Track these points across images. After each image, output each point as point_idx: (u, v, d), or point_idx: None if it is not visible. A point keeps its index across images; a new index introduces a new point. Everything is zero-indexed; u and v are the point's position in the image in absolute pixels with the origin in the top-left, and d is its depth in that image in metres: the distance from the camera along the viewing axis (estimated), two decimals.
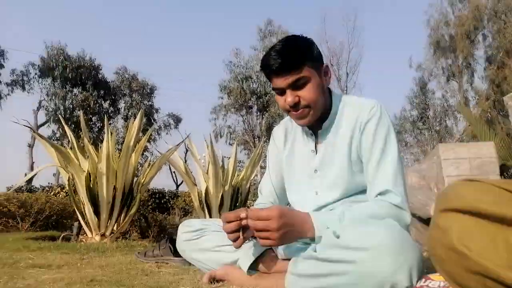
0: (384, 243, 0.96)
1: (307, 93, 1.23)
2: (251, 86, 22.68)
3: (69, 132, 3.68)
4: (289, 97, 1.23)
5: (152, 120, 23.94)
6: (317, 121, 1.32)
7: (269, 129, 20.55)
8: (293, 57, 1.21)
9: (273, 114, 21.03)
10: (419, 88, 22.17)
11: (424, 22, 20.97)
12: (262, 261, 1.32)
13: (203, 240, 1.54)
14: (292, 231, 1.12)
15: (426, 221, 2.38)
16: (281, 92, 1.26)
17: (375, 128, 1.26)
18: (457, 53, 19.69)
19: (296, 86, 1.23)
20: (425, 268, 0.96)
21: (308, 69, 1.23)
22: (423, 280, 0.89)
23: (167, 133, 25.58)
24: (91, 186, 3.22)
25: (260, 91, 22.57)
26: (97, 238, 3.17)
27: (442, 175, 2.38)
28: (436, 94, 21.92)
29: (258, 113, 23.18)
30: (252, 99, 22.74)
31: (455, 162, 2.34)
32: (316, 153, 1.36)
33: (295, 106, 1.24)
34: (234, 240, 1.22)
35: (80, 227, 3.40)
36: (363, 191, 1.30)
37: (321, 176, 1.34)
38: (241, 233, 1.20)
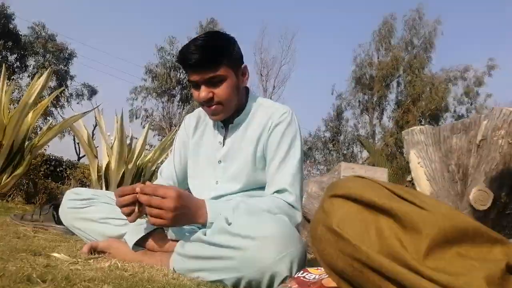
0: (270, 234, 0.99)
1: (221, 92, 1.25)
2: (178, 75, 22.24)
3: None
4: (203, 93, 1.24)
5: (64, 86, 22.03)
6: (230, 116, 1.34)
7: None
8: (211, 55, 1.21)
9: (194, 106, 20.79)
10: (335, 114, 23.79)
11: (351, 58, 22.72)
12: (151, 238, 1.27)
13: (90, 210, 1.45)
14: (185, 214, 1.10)
15: None
16: (196, 86, 1.26)
17: (283, 131, 1.32)
18: (373, 92, 21.63)
19: (211, 83, 1.24)
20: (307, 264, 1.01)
21: (225, 68, 1.24)
22: (301, 272, 0.93)
23: (78, 103, 23.77)
24: None
25: (185, 82, 22.25)
26: None
27: None
28: (349, 122, 23.78)
29: (180, 103, 22.78)
30: (176, 88, 22.30)
31: None
32: (223, 145, 1.37)
33: (208, 102, 1.26)
34: (128, 215, 1.16)
35: None
36: (261, 188, 1.34)
37: (224, 167, 1.36)
38: (136, 207, 1.15)
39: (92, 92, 24.21)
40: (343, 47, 40.47)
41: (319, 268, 0.95)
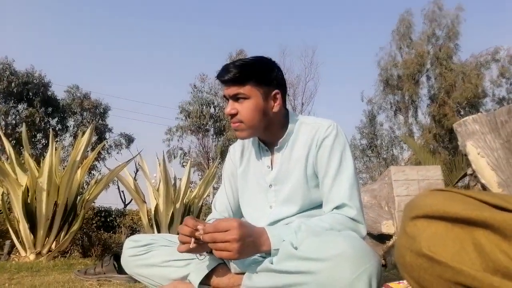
0: (342, 253, 0.94)
1: (243, 109, 1.25)
2: (211, 110, 22.88)
3: (7, 145, 3.40)
4: (228, 107, 1.27)
5: (103, 139, 23.04)
6: (273, 138, 1.33)
7: (224, 152, 20.52)
8: (239, 72, 1.23)
9: (229, 137, 21.11)
10: (369, 120, 23.34)
11: (375, 62, 22.36)
12: (215, 275, 1.24)
13: (151, 255, 1.44)
14: (250, 243, 1.07)
15: (377, 238, 2.43)
16: (227, 99, 1.29)
17: (331, 144, 1.27)
18: (403, 91, 21.11)
19: (236, 98, 1.25)
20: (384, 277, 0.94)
21: (251, 88, 1.24)
22: None
23: (118, 153, 24.70)
24: (29, 201, 2.96)
25: (219, 115, 22.79)
26: (32, 257, 2.90)
27: (393, 194, 2.45)
28: (384, 126, 23.22)
29: (214, 136, 23.22)
30: (209, 122, 22.83)
31: (405, 183, 2.42)
32: (272, 169, 1.35)
33: (231, 117, 1.27)
34: (182, 244, 1.15)
35: (12, 245, 3.11)
36: (318, 206, 1.30)
37: (276, 191, 1.33)
38: (192, 241, 1.13)
39: (130, 140, 25.13)
40: (365, 52, 40.18)
41: (401, 281, 0.88)
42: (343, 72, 38.96)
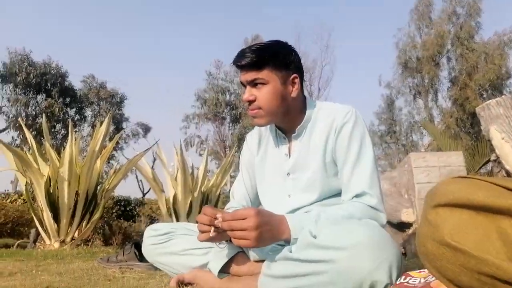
0: (362, 241, 0.93)
1: (261, 95, 1.22)
2: (226, 98, 22.86)
3: (29, 136, 3.48)
4: (246, 94, 1.24)
5: (121, 129, 23.37)
6: (291, 126, 1.30)
7: (240, 140, 20.57)
8: (256, 57, 1.20)
9: (245, 125, 21.11)
10: (387, 105, 22.90)
11: (393, 44, 21.86)
12: (234, 263, 1.25)
13: (171, 244, 1.46)
14: (268, 231, 1.06)
15: (396, 226, 2.40)
16: (244, 86, 1.27)
17: (350, 131, 1.24)
18: (423, 74, 20.55)
19: (254, 84, 1.23)
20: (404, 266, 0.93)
21: (269, 73, 1.22)
22: (403, 277, 0.86)
23: (135, 142, 25.06)
24: (51, 191, 3.04)
25: (234, 103, 22.75)
26: (56, 245, 2.99)
27: (413, 182, 2.41)
28: (403, 111, 22.73)
29: (231, 124, 23.25)
30: (226, 110, 22.84)
31: (426, 170, 2.38)
32: (290, 157, 1.33)
33: (249, 104, 1.24)
34: (202, 232, 1.16)
35: (37, 234, 3.21)
36: (337, 195, 1.28)
37: (294, 179, 1.31)
38: (212, 230, 1.14)
39: (147, 129, 25.44)
40: (383, 34, 39.20)
41: (421, 270, 0.87)
42: (360, 55, 38.20)
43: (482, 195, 0.53)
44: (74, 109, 23.02)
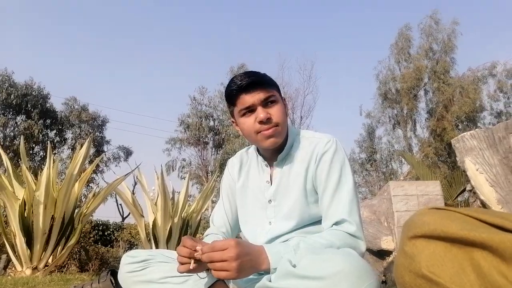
0: (341, 271, 0.93)
1: (277, 112, 1.23)
2: (210, 123, 23.06)
3: (5, 158, 3.39)
4: (262, 113, 1.21)
5: (101, 152, 23.02)
6: (273, 153, 1.32)
7: (222, 165, 20.52)
8: (263, 76, 1.25)
9: (228, 151, 21.12)
10: (367, 134, 23.38)
11: (373, 76, 22.56)
12: None
13: (148, 271, 1.42)
14: (248, 261, 1.05)
15: (377, 254, 2.41)
16: (251, 110, 1.24)
17: (331, 159, 1.27)
18: (401, 105, 21.21)
19: (267, 103, 1.23)
20: None
21: (276, 91, 1.26)
22: None
23: (116, 166, 24.64)
24: (25, 215, 2.94)
25: (218, 128, 22.95)
26: (28, 272, 2.86)
27: (392, 210, 2.44)
28: (382, 140, 23.23)
29: (214, 149, 23.30)
30: (209, 135, 22.96)
31: (404, 198, 2.42)
32: (271, 184, 1.34)
33: (267, 122, 1.22)
34: (181, 264, 1.13)
35: (8, 260, 3.07)
36: (317, 222, 1.29)
37: (275, 206, 1.32)
38: (192, 262, 1.12)
39: (128, 153, 25.08)
40: (363, 66, 40.45)
41: None
42: (341, 86, 39.20)
43: (456, 227, 0.54)
44: (55, 131, 22.62)
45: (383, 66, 22.10)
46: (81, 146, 3.43)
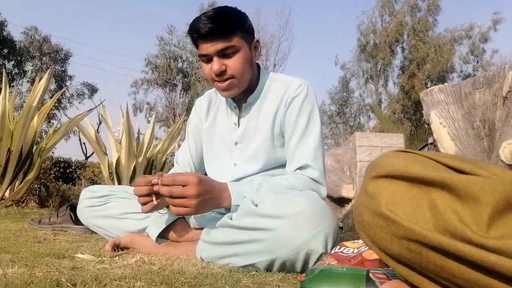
0: (301, 211, 0.94)
1: (234, 63, 1.18)
2: (179, 65, 22.18)
3: None
4: (216, 65, 1.17)
5: (64, 87, 22.01)
6: (243, 94, 1.28)
7: (190, 108, 20.24)
8: (224, 23, 1.14)
9: (196, 93, 20.74)
10: (341, 86, 23.46)
11: (355, 26, 22.13)
12: (173, 229, 1.23)
13: (109, 207, 1.41)
14: (209, 199, 1.05)
15: (336, 201, 2.51)
16: (208, 59, 1.19)
17: (300, 104, 1.25)
18: (377, 59, 21.19)
19: (224, 54, 1.17)
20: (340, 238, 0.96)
21: (239, 39, 1.17)
22: (338, 247, 0.89)
23: (80, 103, 23.80)
24: None
25: (187, 70, 22.16)
26: None
27: (355, 160, 2.51)
28: (355, 94, 23.43)
29: (182, 92, 22.71)
30: (177, 77, 22.22)
31: (368, 149, 2.48)
32: (239, 126, 1.32)
33: (221, 74, 1.18)
34: (144, 205, 1.12)
35: None
36: (282, 166, 1.30)
37: (241, 149, 1.31)
38: (154, 198, 1.10)
39: (93, 90, 24.18)
40: (344, 16, 39.49)
41: (355, 241, 0.90)
42: (318, 35, 38.48)
43: (418, 168, 0.55)
44: (13, 62, 21.26)
45: (366, 16, 21.69)
46: (41, 78, 3.23)
